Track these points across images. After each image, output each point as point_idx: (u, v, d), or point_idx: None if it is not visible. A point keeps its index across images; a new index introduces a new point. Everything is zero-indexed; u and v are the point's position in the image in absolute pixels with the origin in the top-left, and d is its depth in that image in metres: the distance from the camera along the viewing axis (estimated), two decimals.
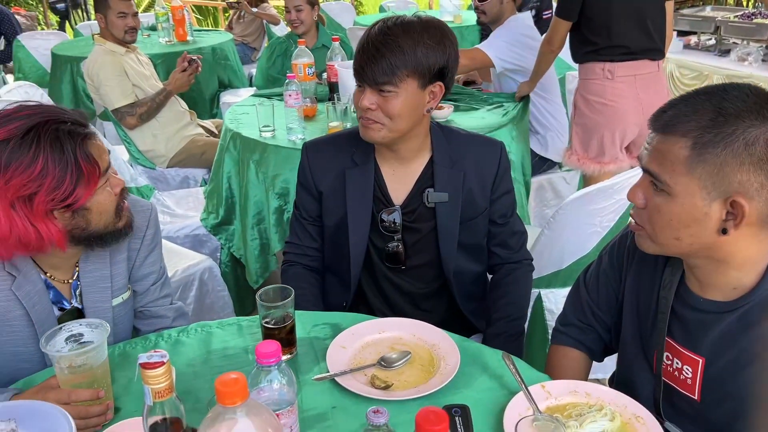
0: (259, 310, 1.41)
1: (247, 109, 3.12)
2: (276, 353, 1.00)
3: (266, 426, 0.85)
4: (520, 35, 3.25)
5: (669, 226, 1.14)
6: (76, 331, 1.26)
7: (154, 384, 0.86)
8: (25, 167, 1.28)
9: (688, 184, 1.09)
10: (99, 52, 3.46)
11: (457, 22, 5.65)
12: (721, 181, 1.07)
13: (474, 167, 1.75)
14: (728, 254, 1.14)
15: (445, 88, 1.65)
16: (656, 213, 1.15)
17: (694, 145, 1.07)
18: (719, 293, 1.20)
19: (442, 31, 1.60)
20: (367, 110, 1.61)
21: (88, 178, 1.34)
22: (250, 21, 6.18)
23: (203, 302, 2.67)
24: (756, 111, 1.05)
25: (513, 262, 1.86)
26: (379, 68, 1.55)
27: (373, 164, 1.74)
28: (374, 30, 1.59)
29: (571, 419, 1.22)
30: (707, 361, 1.23)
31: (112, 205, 1.42)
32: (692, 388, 1.27)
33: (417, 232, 1.78)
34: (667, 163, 1.11)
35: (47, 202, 1.30)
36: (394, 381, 1.34)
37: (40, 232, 1.32)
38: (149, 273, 1.64)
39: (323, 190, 1.78)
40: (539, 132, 3.41)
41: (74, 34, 6.53)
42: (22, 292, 1.41)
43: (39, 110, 1.34)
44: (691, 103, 1.10)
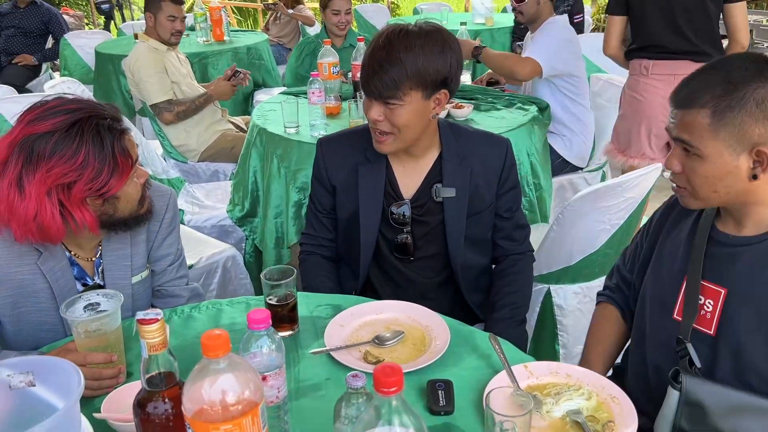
0: (264, 288, 1.51)
1: (275, 106, 3.23)
2: (266, 320, 1.08)
3: (248, 381, 0.94)
4: (563, 39, 3.27)
5: (706, 183, 1.28)
6: (94, 300, 1.38)
7: (149, 338, 0.96)
8: (68, 158, 1.40)
9: (715, 146, 1.24)
10: (141, 50, 3.62)
11: (488, 24, 5.69)
12: (743, 137, 1.22)
13: (481, 163, 1.83)
14: (761, 195, 1.29)
15: (449, 93, 1.72)
16: (693, 174, 1.29)
17: (714, 113, 1.23)
18: (753, 228, 1.32)
19: (443, 39, 1.66)
20: (375, 121, 1.69)
21: (122, 170, 1.47)
22: (286, 22, 6.33)
23: (226, 289, 2.79)
24: (758, 74, 1.22)
25: (517, 254, 1.94)
26: (382, 83, 1.63)
27: (385, 160, 1.82)
28: (377, 44, 1.66)
29: (549, 397, 1.28)
30: (729, 291, 1.32)
31: (137, 194, 1.55)
32: (710, 322, 1.34)
33: (425, 225, 1.85)
34: (694, 131, 1.26)
35: (85, 190, 1.43)
36: (385, 357, 1.43)
37: (74, 218, 1.45)
38: (167, 254, 1.76)
39: (336, 184, 1.87)
40: (565, 134, 3.40)
41: (117, 33, 6.77)
42: (47, 267, 1.53)
43: (81, 105, 1.46)
44: (703, 79, 1.27)
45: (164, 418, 0.99)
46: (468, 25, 5.72)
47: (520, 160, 2.88)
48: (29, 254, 1.52)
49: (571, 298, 2.44)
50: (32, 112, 1.44)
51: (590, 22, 6.58)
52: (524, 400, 1.14)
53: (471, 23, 5.79)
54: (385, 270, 1.94)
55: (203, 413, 0.92)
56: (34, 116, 1.43)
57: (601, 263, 2.33)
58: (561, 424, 1.23)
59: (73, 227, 1.47)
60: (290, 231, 2.78)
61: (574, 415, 1.23)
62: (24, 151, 1.40)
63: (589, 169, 3.51)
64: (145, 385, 1.00)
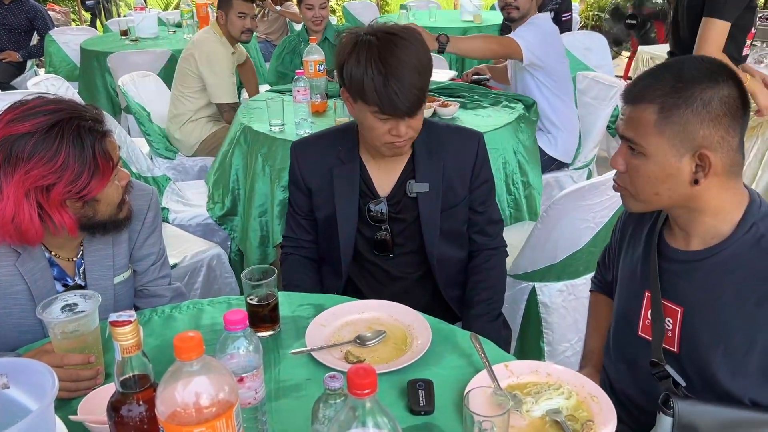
0: (244, 288, 1.50)
1: (260, 104, 3.22)
2: (242, 321, 1.08)
3: (222, 383, 0.94)
4: (547, 33, 3.28)
5: (648, 184, 1.27)
6: (71, 301, 1.36)
7: (123, 340, 0.95)
8: (47, 160, 1.38)
9: (659, 144, 1.23)
10: (217, 42, 3.67)
11: (476, 21, 5.69)
12: (687, 137, 1.21)
13: (453, 157, 1.84)
14: (705, 202, 1.27)
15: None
16: (635, 174, 1.28)
17: (661, 109, 1.22)
18: (699, 242, 1.31)
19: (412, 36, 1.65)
20: (405, 134, 1.68)
21: (102, 173, 1.45)
22: (273, 19, 6.31)
23: (210, 288, 2.78)
24: (709, 75, 1.21)
25: (491, 249, 1.95)
26: (415, 94, 1.62)
27: (358, 160, 1.83)
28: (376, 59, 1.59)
29: (530, 396, 1.28)
30: (685, 310, 1.32)
31: (118, 197, 1.54)
32: (672, 340, 1.35)
33: (402, 221, 1.86)
34: (639, 128, 1.25)
35: (64, 193, 1.42)
36: (366, 357, 1.42)
37: (53, 220, 1.43)
38: (149, 254, 1.74)
39: (312, 187, 1.88)
40: (550, 131, 3.42)
41: (104, 30, 6.72)
42: (25, 268, 1.51)
43: (62, 106, 1.44)
44: (655, 75, 1.27)
45: (138, 421, 0.98)
46: (456, 23, 5.75)
47: (506, 159, 2.89)
48: (7, 255, 1.50)
49: (555, 295, 2.45)
50: (12, 112, 1.42)
51: (578, 20, 6.59)
52: (503, 399, 1.14)
53: (459, 21, 5.79)
54: (366, 268, 1.94)
55: (176, 416, 0.91)
56: (14, 116, 1.41)
57: (586, 261, 2.34)
58: (540, 423, 1.23)
59: (51, 229, 1.45)
60: (275, 229, 2.77)
61: (553, 415, 1.24)
62: (2, 152, 1.38)
63: (575, 167, 3.52)
64: (119, 388, 0.99)
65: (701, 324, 1.30)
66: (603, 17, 7.38)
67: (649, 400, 1.41)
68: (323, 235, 1.94)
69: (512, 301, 2.45)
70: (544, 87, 3.33)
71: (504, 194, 2.91)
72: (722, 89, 1.21)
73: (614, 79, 3.58)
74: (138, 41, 5.20)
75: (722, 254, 1.27)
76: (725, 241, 1.27)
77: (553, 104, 3.38)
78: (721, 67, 1.24)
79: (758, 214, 1.26)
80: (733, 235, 1.27)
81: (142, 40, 5.23)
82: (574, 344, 2.48)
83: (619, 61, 7.02)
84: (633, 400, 1.46)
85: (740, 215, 1.27)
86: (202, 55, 3.61)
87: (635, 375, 1.45)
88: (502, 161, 2.86)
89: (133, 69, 4.12)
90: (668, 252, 1.37)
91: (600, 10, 8.55)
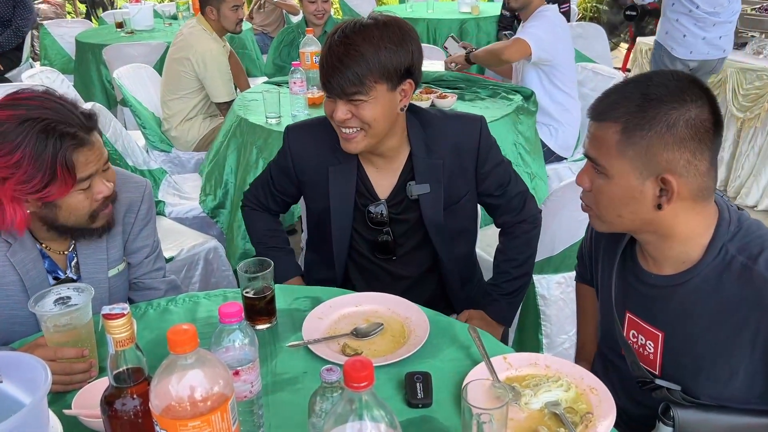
0: (240, 281, 1.48)
1: (257, 96, 3.20)
2: (238, 314, 1.06)
3: (217, 377, 0.92)
4: (555, 26, 3.26)
5: (611, 205, 1.22)
6: (64, 294, 1.35)
7: (116, 334, 0.93)
8: (5, 153, 1.35)
9: (621, 165, 1.18)
10: (210, 40, 3.61)
11: (474, 13, 5.66)
12: (650, 160, 1.16)
13: (452, 151, 1.76)
14: (670, 228, 1.22)
15: (414, 83, 1.66)
16: (599, 194, 1.24)
17: (624, 130, 1.16)
18: (671, 267, 1.26)
19: (401, 29, 1.60)
20: (343, 121, 1.61)
21: (60, 183, 1.38)
22: (270, 11, 6.27)
23: (208, 281, 2.76)
24: (677, 95, 1.14)
25: (517, 223, 1.90)
26: (345, 79, 1.55)
27: (356, 162, 1.77)
28: (334, 40, 1.58)
29: (528, 389, 1.27)
30: (666, 334, 1.29)
31: (86, 209, 1.47)
32: (654, 363, 1.33)
33: (404, 223, 1.81)
34: (602, 147, 1.19)
35: (15, 190, 1.37)
36: (364, 350, 1.41)
37: (4, 212, 1.39)
38: (143, 246, 1.73)
39: (304, 180, 1.83)
40: (551, 124, 3.39)
41: (99, 22, 6.68)
42: (17, 259, 1.49)
43: (47, 105, 1.39)
44: (621, 91, 1.20)
45: (132, 415, 0.97)
46: (453, 14, 5.72)
47: (505, 152, 2.87)
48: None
49: (554, 288, 2.44)
50: (7, 98, 1.41)
51: (576, 11, 6.57)
52: (501, 392, 1.13)
53: (457, 12, 5.76)
54: (366, 268, 1.89)
55: (171, 410, 0.90)
56: (4, 102, 1.39)
57: None
58: (539, 415, 1.22)
59: (2, 220, 1.41)
60: None
61: (552, 407, 1.22)
62: None
63: (574, 159, 3.50)
64: (113, 382, 0.97)
65: (682, 350, 1.27)
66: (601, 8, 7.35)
67: (639, 407, 1.40)
68: (316, 228, 1.90)
69: None
70: (546, 79, 3.31)
71: None
72: (689, 111, 1.14)
73: (613, 71, 3.57)
74: (133, 33, 5.17)
75: (694, 281, 1.23)
76: (695, 267, 1.23)
77: (554, 97, 3.36)
78: (692, 85, 1.17)
79: (727, 234, 1.21)
80: (702, 261, 1.22)
81: (137, 33, 5.19)
82: (572, 336, 2.47)
83: (617, 52, 7.00)
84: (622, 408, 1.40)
85: (709, 238, 1.22)
86: (198, 57, 3.55)
87: (624, 386, 1.42)
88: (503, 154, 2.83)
89: (129, 61, 4.10)
90: (642, 275, 1.32)
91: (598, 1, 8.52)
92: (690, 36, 3.93)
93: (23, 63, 5.80)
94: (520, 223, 1.90)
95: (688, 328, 1.25)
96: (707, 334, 1.23)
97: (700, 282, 1.22)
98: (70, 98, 1.47)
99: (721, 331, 1.21)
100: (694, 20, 3.90)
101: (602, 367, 1.51)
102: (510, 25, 5.52)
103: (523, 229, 1.90)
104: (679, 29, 3.97)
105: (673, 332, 1.28)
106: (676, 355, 1.28)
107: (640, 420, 1.39)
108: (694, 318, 1.24)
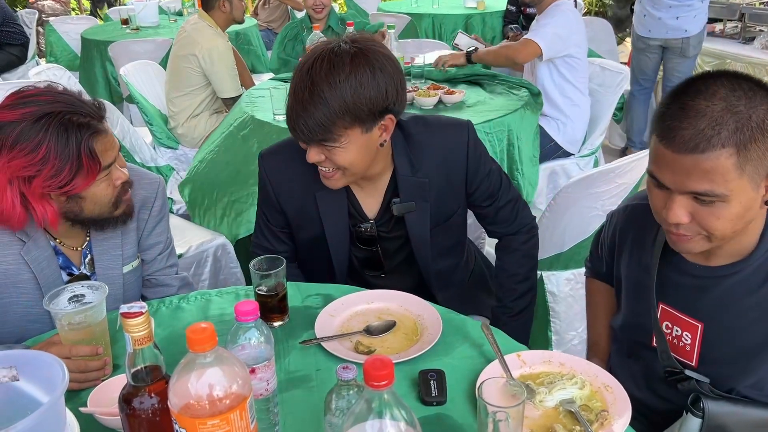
0: (253, 278, 1.48)
1: (264, 93, 3.19)
2: (254, 311, 1.06)
3: (235, 375, 0.92)
4: (568, 21, 3.25)
5: (731, 224, 1.16)
6: (79, 292, 1.35)
7: (134, 332, 0.93)
8: (28, 151, 1.35)
9: (741, 184, 1.11)
10: (215, 35, 3.61)
11: (480, 8, 5.64)
12: (762, 166, 1.11)
13: (438, 168, 1.68)
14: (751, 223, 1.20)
15: (396, 116, 1.54)
16: (713, 219, 1.15)
17: (738, 151, 1.09)
18: (724, 259, 1.26)
19: (370, 63, 1.45)
20: (319, 163, 1.53)
21: (87, 171, 1.40)
22: (275, 7, 6.27)
23: (217, 278, 2.77)
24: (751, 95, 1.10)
25: (511, 234, 1.85)
26: (309, 127, 1.44)
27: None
28: (297, 82, 1.46)
29: (542, 386, 1.27)
30: (706, 326, 1.29)
31: (108, 197, 1.49)
32: (690, 354, 1.33)
33: (393, 240, 1.78)
34: (717, 177, 1.10)
35: (44, 186, 1.38)
36: (377, 347, 1.41)
37: (35, 211, 1.40)
38: (156, 243, 1.73)
39: (288, 211, 1.74)
40: (559, 118, 3.36)
41: (104, 19, 6.68)
42: (31, 257, 1.50)
43: (58, 98, 1.41)
44: (702, 113, 1.10)
45: (150, 413, 0.97)
46: (459, 9, 5.71)
47: (510, 141, 2.86)
48: (13, 244, 1.49)
49: (563, 284, 2.44)
50: (11, 98, 1.41)
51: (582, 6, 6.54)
52: (517, 390, 1.12)
53: (463, 7, 5.75)
54: (358, 281, 1.84)
55: (190, 408, 0.90)
56: (10, 102, 1.40)
57: None
58: (554, 413, 1.22)
59: (35, 218, 1.43)
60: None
61: (567, 405, 1.22)
62: None
63: (581, 155, 3.49)
64: (131, 380, 0.97)
65: (722, 342, 1.28)
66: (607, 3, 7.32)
67: (662, 401, 1.40)
68: (309, 255, 1.83)
69: None
70: (557, 73, 3.31)
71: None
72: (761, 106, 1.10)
73: (621, 66, 3.55)
74: (139, 30, 5.17)
75: (743, 273, 1.24)
76: (747, 258, 1.24)
77: (564, 91, 3.34)
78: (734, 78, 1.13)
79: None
80: (755, 253, 1.23)
81: (143, 29, 5.20)
82: (581, 333, 2.47)
83: (622, 47, 6.98)
84: (643, 401, 1.43)
85: (761, 230, 1.22)
86: (205, 53, 3.54)
87: (647, 378, 1.43)
88: (507, 143, 2.83)
89: (135, 58, 4.10)
90: (683, 266, 1.31)
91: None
92: (648, 17, 4.33)
93: (29, 60, 5.82)
94: (515, 235, 1.84)
95: (731, 320, 1.26)
96: (752, 327, 1.24)
97: (749, 274, 1.23)
98: (75, 90, 1.48)
99: (765, 323, 1.22)
100: (651, 2, 4.29)
101: (621, 361, 1.50)
102: (516, 19, 5.51)
103: (519, 241, 1.84)
104: (641, 11, 4.40)
105: (715, 324, 1.28)
106: (716, 347, 1.29)
107: (660, 413, 1.39)
108: (740, 310, 1.25)
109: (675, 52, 4.28)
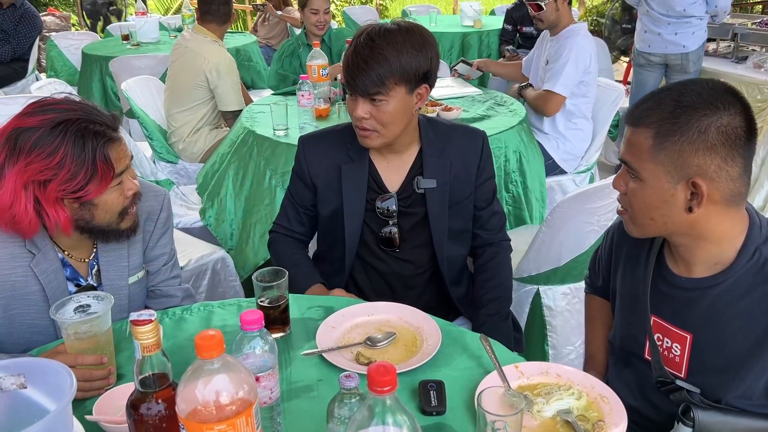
0: (255, 290, 1.50)
1: (264, 108, 3.23)
2: (258, 321, 1.09)
3: (242, 382, 0.94)
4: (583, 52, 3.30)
5: (644, 208, 1.27)
6: (84, 302, 1.37)
7: (143, 339, 0.96)
8: (46, 155, 1.39)
9: (653, 170, 1.22)
10: (222, 51, 3.64)
11: (477, 27, 5.72)
12: (681, 165, 1.20)
13: (458, 155, 1.88)
14: (704, 230, 1.26)
15: (430, 87, 1.78)
16: (633, 197, 1.28)
17: (656, 135, 1.21)
18: (703, 269, 1.30)
19: (422, 36, 1.71)
20: (361, 119, 1.72)
21: (101, 177, 1.44)
22: (274, 24, 6.33)
23: (215, 291, 2.78)
24: (709, 102, 1.18)
25: (493, 244, 1.98)
26: (369, 79, 1.66)
27: (367, 158, 1.86)
28: (360, 42, 1.69)
29: (540, 397, 1.29)
30: (694, 337, 1.32)
31: (118, 206, 1.52)
32: (680, 365, 1.36)
33: (411, 216, 1.88)
34: (636, 152, 1.24)
35: (59, 190, 1.42)
36: (377, 358, 1.43)
37: (48, 216, 1.43)
38: (161, 254, 1.76)
39: (318, 183, 1.90)
40: (558, 138, 3.42)
41: (105, 35, 6.73)
42: (40, 269, 1.52)
43: (75, 107, 1.46)
44: (657, 98, 1.24)
45: (157, 420, 0.99)
46: (456, 27, 5.78)
47: (507, 158, 2.91)
48: (22, 256, 1.51)
49: (560, 298, 2.46)
50: (31, 106, 1.45)
51: None
52: (515, 399, 1.15)
53: (460, 26, 5.82)
54: (369, 263, 1.95)
55: (197, 414, 0.92)
56: (30, 110, 1.44)
57: None
58: (552, 423, 1.24)
59: (48, 224, 1.46)
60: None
61: (564, 415, 1.25)
62: (9, 142, 1.41)
63: (577, 171, 3.53)
64: (138, 386, 1.00)
65: (711, 352, 1.30)
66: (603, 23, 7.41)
67: (657, 410, 1.42)
68: (326, 231, 1.97)
69: (517, 304, 2.46)
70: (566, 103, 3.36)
71: (502, 191, 2.95)
72: (721, 117, 1.18)
73: (616, 84, 3.61)
74: (139, 46, 5.21)
75: (726, 283, 1.27)
76: (729, 269, 1.27)
77: (570, 116, 3.39)
78: (726, 92, 1.21)
79: (760, 238, 1.25)
80: (736, 263, 1.26)
81: (143, 45, 5.24)
82: (578, 347, 2.49)
83: (617, 65, 7.06)
84: (639, 410, 1.45)
85: (742, 241, 1.26)
86: (212, 67, 3.54)
87: (642, 388, 1.45)
88: (504, 159, 2.88)
89: (135, 73, 4.13)
90: (671, 278, 1.36)
91: (599, 15, 8.59)
92: (649, 32, 4.41)
93: (29, 74, 5.85)
94: (491, 245, 1.98)
95: (718, 330, 1.28)
96: (738, 336, 1.26)
97: (733, 284, 1.26)
98: (90, 103, 1.52)
99: (752, 333, 1.24)
100: (651, 19, 4.36)
101: (617, 371, 1.53)
102: (512, 39, 5.58)
103: (494, 251, 1.97)
104: (641, 28, 4.48)
105: (702, 334, 1.31)
106: (704, 357, 1.31)
107: (655, 422, 1.42)
108: (725, 320, 1.27)
109: (676, 69, 4.35)
